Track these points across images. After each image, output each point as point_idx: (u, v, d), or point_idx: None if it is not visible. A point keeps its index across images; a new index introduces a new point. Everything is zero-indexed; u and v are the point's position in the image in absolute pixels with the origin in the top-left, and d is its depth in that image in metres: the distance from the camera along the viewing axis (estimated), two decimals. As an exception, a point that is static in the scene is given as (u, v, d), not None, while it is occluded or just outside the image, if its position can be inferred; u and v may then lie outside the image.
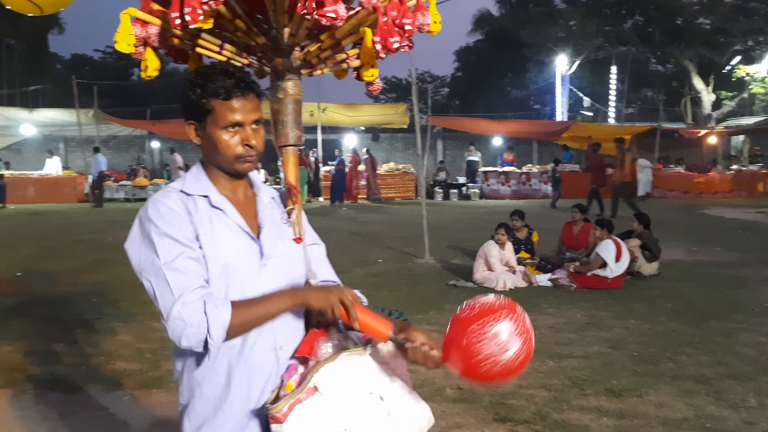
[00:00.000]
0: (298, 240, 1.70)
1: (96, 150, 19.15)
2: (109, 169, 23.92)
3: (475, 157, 22.83)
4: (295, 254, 1.69)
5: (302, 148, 17.02)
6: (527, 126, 26.63)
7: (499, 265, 7.40)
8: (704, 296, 6.79)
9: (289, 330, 1.62)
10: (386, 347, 1.59)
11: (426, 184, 16.12)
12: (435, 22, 1.83)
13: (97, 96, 20.16)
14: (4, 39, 29.81)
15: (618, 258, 7.18)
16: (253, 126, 1.56)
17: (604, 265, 7.16)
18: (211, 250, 1.54)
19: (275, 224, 1.68)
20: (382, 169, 22.04)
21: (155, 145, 26.54)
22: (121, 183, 21.45)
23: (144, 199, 14.90)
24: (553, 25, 30.69)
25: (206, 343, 1.45)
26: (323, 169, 20.85)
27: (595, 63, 31.58)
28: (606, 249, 7.18)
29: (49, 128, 23.18)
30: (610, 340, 5.19)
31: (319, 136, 22.31)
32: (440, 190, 21.35)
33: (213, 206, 1.59)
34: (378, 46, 1.62)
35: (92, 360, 4.88)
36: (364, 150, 21.36)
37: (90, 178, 19.55)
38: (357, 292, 1.73)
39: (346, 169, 19.95)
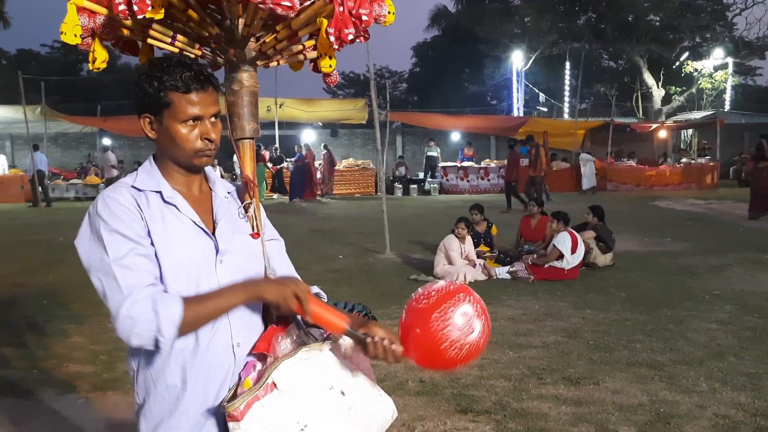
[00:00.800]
0: (256, 235, 1.67)
1: (35, 148, 18.52)
2: (58, 167, 23.24)
3: (434, 152, 22.95)
4: (252, 250, 1.65)
5: (258, 145, 16.79)
6: (485, 121, 26.91)
7: (459, 258, 7.46)
8: (656, 285, 6.99)
9: (246, 326, 1.58)
10: (347, 342, 1.57)
11: (386, 179, 16.11)
12: (390, 13, 1.82)
13: (45, 92, 19.45)
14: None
15: (574, 250, 7.32)
16: (212, 119, 1.52)
17: (560, 256, 7.29)
18: (164, 246, 1.50)
19: (231, 219, 1.65)
20: (341, 165, 21.96)
21: (107, 142, 25.81)
22: (71, 181, 20.81)
23: (94, 198, 14.56)
24: (509, 22, 31.14)
25: (157, 341, 1.41)
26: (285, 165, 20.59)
27: (550, 59, 32.16)
28: (562, 241, 7.32)
29: (-6, 125, 22.34)
30: (567, 330, 5.29)
31: (277, 132, 22.09)
32: (400, 186, 21.40)
33: (166, 202, 1.54)
34: (332, 38, 1.60)
35: (44, 363, 4.73)
36: (322, 146, 21.22)
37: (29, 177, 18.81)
38: (316, 288, 1.71)
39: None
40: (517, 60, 31.12)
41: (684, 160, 23.30)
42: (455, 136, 26.40)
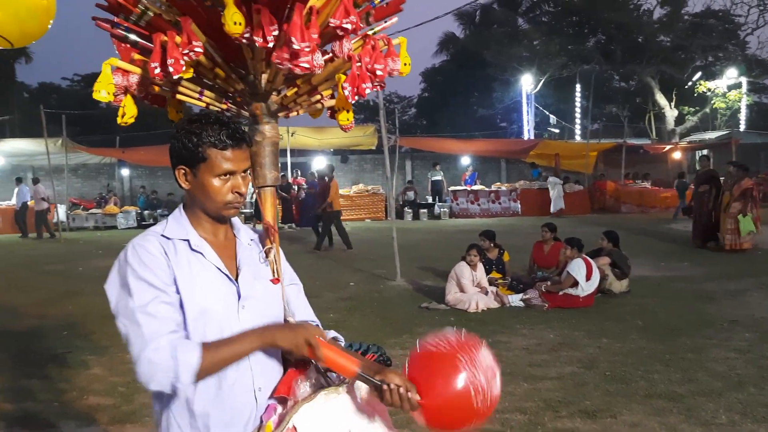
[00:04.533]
0: (276, 281, 1.74)
1: (18, 180, 18.96)
2: (78, 197, 23.66)
3: (439, 176, 22.98)
4: (272, 295, 1.72)
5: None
6: (494, 145, 26.97)
7: (471, 286, 7.46)
8: (673, 312, 6.94)
9: (267, 370, 1.65)
10: (364, 385, 1.62)
11: (395, 204, 16.14)
12: (405, 64, 1.89)
13: (65, 124, 19.88)
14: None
15: (588, 276, 7.30)
16: (242, 174, 1.62)
17: (575, 284, 7.28)
18: (189, 293, 1.57)
19: (253, 265, 1.72)
20: (351, 190, 22.10)
21: (125, 172, 26.24)
22: (90, 211, 21.11)
23: (114, 227, 14.55)
24: (517, 45, 31.33)
25: (175, 386, 1.47)
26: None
27: (560, 81, 32.27)
28: (577, 268, 7.30)
29: (17, 158, 22.77)
30: (582, 360, 5.27)
31: (289, 160, 22.32)
32: (410, 210, 21.44)
33: (193, 249, 1.62)
34: (348, 92, 1.68)
35: (65, 395, 4.79)
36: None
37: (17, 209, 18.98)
38: (333, 332, 1.77)
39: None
40: (527, 83, 31.25)
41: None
42: (465, 160, 26.47)
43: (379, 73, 1.71)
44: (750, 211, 11.12)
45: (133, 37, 1.67)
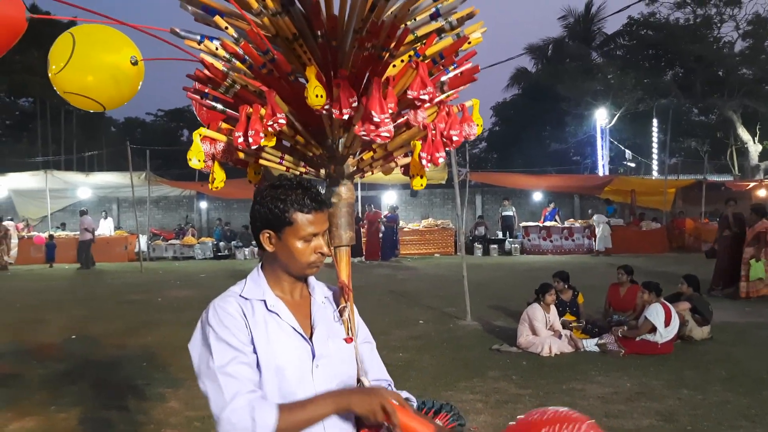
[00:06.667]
0: (349, 340, 1.78)
1: (82, 213, 19.57)
2: (159, 228, 24.86)
3: (510, 211, 22.68)
4: (346, 354, 1.77)
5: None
6: (567, 180, 26.39)
7: (544, 329, 7.29)
8: (760, 362, 6.54)
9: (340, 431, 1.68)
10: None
11: (465, 239, 16.03)
12: (478, 125, 1.93)
13: (149, 158, 21.07)
14: (63, 106, 31.50)
15: (667, 322, 7.00)
16: (323, 235, 1.70)
17: (653, 329, 6.99)
18: (266, 352, 1.64)
19: (327, 324, 1.78)
20: (420, 224, 22.15)
21: (203, 205, 27.37)
22: (170, 242, 22.07)
23: (191, 258, 15.02)
24: (591, 79, 30.81)
25: None
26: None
27: (636, 115, 31.45)
28: (655, 313, 7.02)
29: (103, 190, 24.19)
30: (661, 413, 5.03)
31: (360, 194, 22.68)
32: (480, 246, 21.24)
33: (269, 310, 1.70)
34: (424, 161, 1.73)
35: (143, 428, 4.98)
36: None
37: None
38: (405, 393, 1.79)
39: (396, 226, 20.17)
40: (601, 117, 30.61)
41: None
42: (537, 196, 26.05)
43: (454, 139, 1.75)
44: (764, 257, 10.37)
45: (220, 106, 1.79)
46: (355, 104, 1.61)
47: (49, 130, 33.86)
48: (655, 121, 30.07)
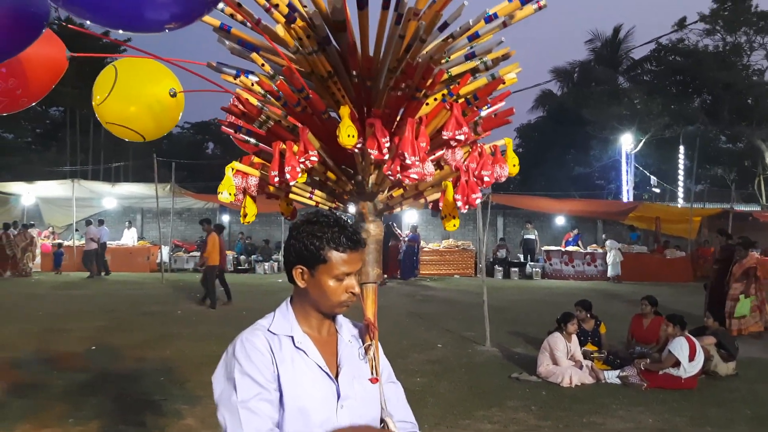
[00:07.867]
0: (374, 380, 1.76)
1: (100, 222, 19.96)
2: (181, 239, 25.08)
3: (532, 235, 22.50)
4: (371, 395, 1.75)
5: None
6: (591, 205, 26.08)
7: (564, 359, 7.18)
8: (788, 402, 6.38)
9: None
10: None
11: (486, 261, 15.93)
12: (513, 165, 1.92)
13: (174, 170, 21.33)
14: (92, 116, 32.13)
15: (692, 357, 6.86)
16: (355, 275, 1.68)
17: (677, 363, 6.85)
18: (291, 390, 1.63)
19: (353, 363, 1.76)
20: (441, 245, 22.06)
21: (226, 217, 27.57)
22: (191, 254, 22.23)
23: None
24: (617, 104, 30.59)
25: None
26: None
27: (662, 141, 31.10)
28: (679, 347, 6.88)
29: (128, 200, 24.50)
30: (685, 452, 4.91)
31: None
32: (500, 268, 21.06)
33: (296, 347, 1.68)
34: (460, 203, 1.71)
35: (158, 446, 4.99)
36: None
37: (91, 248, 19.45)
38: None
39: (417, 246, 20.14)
40: (627, 142, 30.32)
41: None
42: (560, 220, 25.79)
43: (486, 179, 1.74)
44: (754, 293, 9.92)
45: (253, 140, 1.80)
46: (388, 144, 1.61)
47: (78, 139, 34.46)
48: (681, 148, 29.71)
